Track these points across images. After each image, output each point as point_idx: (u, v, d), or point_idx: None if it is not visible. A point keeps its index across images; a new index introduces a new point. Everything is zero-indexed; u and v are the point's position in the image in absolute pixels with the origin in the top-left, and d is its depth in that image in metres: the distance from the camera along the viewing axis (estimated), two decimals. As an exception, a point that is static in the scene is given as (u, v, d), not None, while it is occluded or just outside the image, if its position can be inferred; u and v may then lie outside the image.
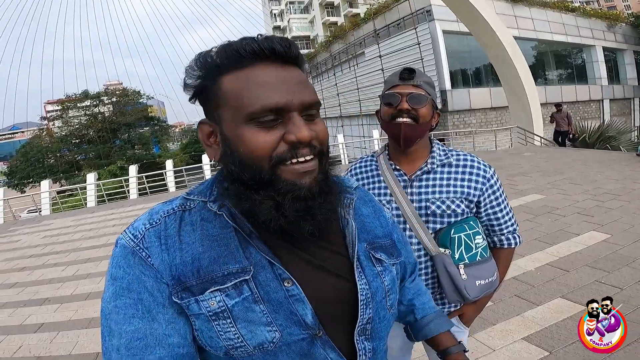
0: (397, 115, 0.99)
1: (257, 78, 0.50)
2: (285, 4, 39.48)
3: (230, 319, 0.53)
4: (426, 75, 1.05)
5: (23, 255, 5.26)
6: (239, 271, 0.54)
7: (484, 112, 15.89)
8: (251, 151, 0.51)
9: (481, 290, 1.03)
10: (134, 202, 9.79)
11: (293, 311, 0.54)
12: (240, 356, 0.54)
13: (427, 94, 1.00)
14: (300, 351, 0.55)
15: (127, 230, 0.58)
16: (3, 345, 2.67)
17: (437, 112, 1.06)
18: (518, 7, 16.24)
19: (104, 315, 0.54)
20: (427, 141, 1.08)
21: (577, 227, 3.65)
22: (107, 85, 33.89)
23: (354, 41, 19.89)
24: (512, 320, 2.24)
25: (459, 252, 1.00)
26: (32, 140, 31.35)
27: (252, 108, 0.50)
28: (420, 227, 1.01)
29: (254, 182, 0.52)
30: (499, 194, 1.06)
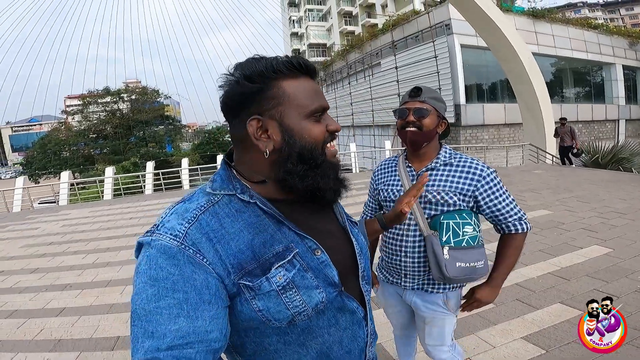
0: (406, 125, 1.27)
1: (307, 86, 0.66)
2: (304, 11, 40.08)
3: (295, 289, 0.63)
4: (434, 91, 1.31)
5: (43, 242, 5.42)
6: (284, 249, 0.64)
7: (497, 128, 15.80)
8: (314, 137, 0.66)
9: (461, 272, 1.20)
10: (149, 197, 10.00)
11: (326, 274, 0.67)
12: (301, 320, 0.65)
13: (431, 107, 1.26)
14: (337, 305, 0.69)
15: (160, 231, 0.59)
16: (24, 327, 2.75)
17: (443, 121, 1.30)
18: (539, 23, 16.18)
19: (139, 316, 0.55)
20: (436, 145, 1.32)
21: (581, 241, 3.77)
22: (127, 83, 34.63)
23: (370, 51, 20.05)
24: (512, 322, 2.38)
25: (446, 235, 1.21)
26: (51, 132, 32.16)
27: (313, 107, 0.66)
28: (419, 211, 1.26)
29: (313, 162, 0.65)
30: (496, 188, 1.24)
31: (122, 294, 3.26)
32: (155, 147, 30.96)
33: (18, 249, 5.18)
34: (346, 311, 0.70)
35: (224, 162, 0.71)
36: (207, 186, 0.68)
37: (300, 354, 0.67)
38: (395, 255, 1.34)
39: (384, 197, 1.36)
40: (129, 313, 0.59)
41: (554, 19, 16.66)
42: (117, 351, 2.37)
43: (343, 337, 0.70)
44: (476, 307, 1.34)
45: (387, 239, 1.37)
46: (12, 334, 2.67)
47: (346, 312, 0.70)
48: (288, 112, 0.64)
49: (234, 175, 0.68)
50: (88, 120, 31.02)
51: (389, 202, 1.35)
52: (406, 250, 1.30)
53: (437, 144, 1.33)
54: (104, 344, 2.46)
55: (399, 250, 1.32)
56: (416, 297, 1.35)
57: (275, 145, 0.64)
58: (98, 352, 2.36)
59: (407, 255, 1.30)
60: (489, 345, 2.15)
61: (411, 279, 1.33)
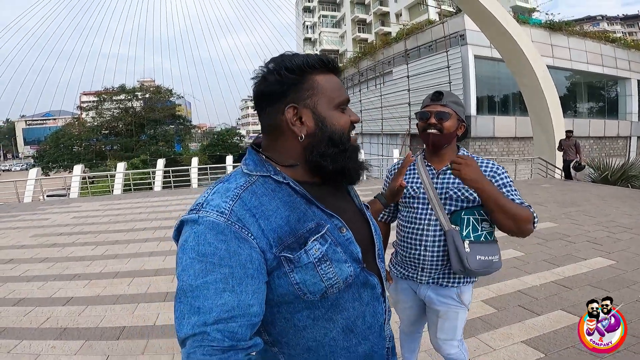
0: (427, 128, 1.33)
1: (335, 81, 0.75)
2: (318, 17, 40.45)
3: (329, 262, 0.68)
4: (454, 95, 1.38)
5: (53, 233, 5.49)
6: (317, 225, 0.69)
7: (507, 141, 15.66)
8: (342, 125, 0.74)
9: (480, 265, 1.25)
10: (158, 193, 10.09)
11: (351, 250, 0.72)
12: (332, 293, 0.70)
13: (452, 111, 1.32)
14: (362, 280, 0.74)
15: (206, 209, 0.63)
16: (31, 315, 2.76)
17: (462, 124, 1.36)
18: (556, 35, 16.07)
19: (185, 293, 0.59)
20: (454, 147, 1.39)
21: (585, 252, 3.80)
22: (142, 81, 35.22)
23: (382, 59, 20.11)
24: (513, 326, 2.42)
25: (466, 230, 1.27)
26: (65, 127, 32.78)
27: (341, 99, 0.74)
28: (439, 208, 1.31)
29: (342, 146, 0.73)
30: (505, 182, 1.29)
31: (130, 286, 3.28)
32: (165, 145, 31.35)
33: (28, 238, 5.24)
34: (368, 286, 0.76)
35: (252, 148, 0.77)
36: (242, 168, 0.73)
37: (327, 329, 0.71)
38: (414, 249, 1.37)
39: (404, 194, 1.40)
40: (135, 304, 0.62)
41: (571, 31, 16.52)
42: (122, 341, 2.38)
43: (365, 312, 0.75)
44: (458, 167, 1.18)
45: (404, 233, 1.40)
46: (18, 321, 2.68)
47: (368, 287, 0.76)
48: (320, 102, 0.72)
49: (265, 159, 0.73)
50: (102, 116, 31.59)
51: (408, 198, 1.40)
52: (426, 244, 1.34)
53: (455, 146, 1.40)
54: (109, 334, 2.46)
55: (419, 245, 1.35)
56: (430, 292, 1.38)
57: (308, 130, 0.71)
58: (103, 342, 2.37)
59: (427, 249, 1.33)
60: (489, 348, 2.19)
61: (428, 272, 1.36)
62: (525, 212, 1.20)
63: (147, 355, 2.21)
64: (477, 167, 1.18)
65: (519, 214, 1.19)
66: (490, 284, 3.00)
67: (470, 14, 11.44)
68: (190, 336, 0.57)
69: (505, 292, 2.92)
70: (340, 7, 39.14)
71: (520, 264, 3.50)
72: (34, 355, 2.22)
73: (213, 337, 0.56)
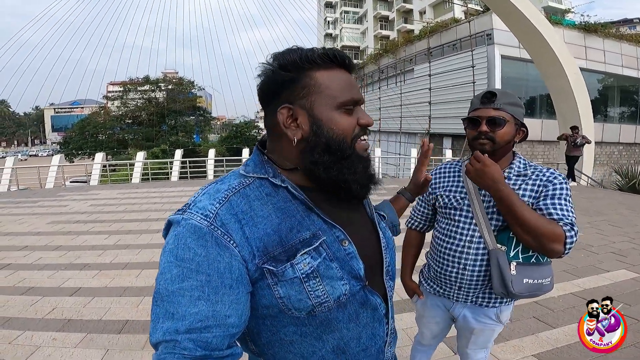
0: (478, 137, 1.14)
1: (342, 78, 0.66)
2: (340, 13, 40.09)
3: (318, 278, 0.61)
4: (510, 94, 1.15)
5: (70, 220, 5.60)
6: (311, 237, 0.62)
7: (531, 145, 15.10)
8: (342, 130, 0.65)
9: (528, 289, 1.11)
10: (174, 183, 10.24)
11: (352, 266, 0.65)
12: (321, 312, 0.63)
13: (508, 115, 1.12)
14: (360, 300, 0.67)
15: (192, 210, 0.59)
16: (37, 305, 2.76)
17: (521, 129, 1.18)
18: (591, 37, 15.29)
19: (161, 297, 0.56)
20: (509, 155, 1.21)
21: (608, 264, 3.64)
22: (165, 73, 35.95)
23: (404, 57, 19.72)
24: (525, 339, 2.31)
25: (514, 251, 1.12)
26: (91, 116, 33.87)
27: (343, 98, 0.64)
28: (485, 223, 1.16)
29: (340, 154, 0.64)
30: (554, 193, 1.10)
31: (138, 278, 3.27)
32: (185, 136, 31.93)
33: (45, 224, 5.36)
34: (368, 307, 0.69)
35: (257, 148, 0.71)
36: (240, 169, 0.68)
37: (315, 347, 0.66)
38: (450, 266, 1.22)
39: (444, 204, 1.26)
40: (141, 297, 0.56)
41: (607, 33, 15.70)
42: (123, 335, 2.35)
43: (362, 334, 0.69)
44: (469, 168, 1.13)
45: (442, 248, 1.25)
46: (24, 311, 2.69)
47: (368, 308, 0.69)
48: (318, 102, 0.64)
49: (267, 161, 0.68)
50: (126, 106, 32.43)
51: (449, 209, 1.24)
52: (466, 264, 1.19)
53: (511, 154, 1.21)
54: (112, 327, 2.44)
55: (457, 263, 1.20)
56: (467, 311, 1.26)
57: (303, 134, 0.64)
58: (104, 335, 2.34)
59: (467, 268, 1.19)
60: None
61: (465, 292, 1.22)
62: (550, 227, 1.03)
63: (146, 350, 2.17)
64: (490, 172, 1.07)
65: (538, 228, 1.03)
66: None
67: (499, 13, 11.00)
68: (162, 342, 0.54)
69: (520, 302, 2.75)
70: (363, 4, 38.65)
71: None
72: (34, 347, 2.21)
73: (185, 346, 0.54)
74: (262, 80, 0.66)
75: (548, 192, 1.11)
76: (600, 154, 14.83)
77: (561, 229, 1.04)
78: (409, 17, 32.03)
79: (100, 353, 2.15)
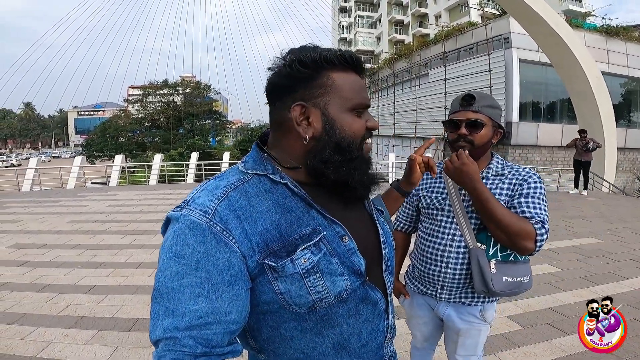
0: (457, 140, 1.18)
1: (355, 81, 0.67)
2: (354, 17, 40.17)
3: (319, 273, 0.62)
4: (488, 97, 1.19)
5: (89, 220, 5.78)
6: (311, 232, 0.62)
7: (550, 150, 14.65)
8: (354, 131, 0.66)
9: (507, 286, 1.14)
10: (190, 185, 10.47)
11: (352, 262, 0.65)
12: (322, 307, 0.63)
13: (486, 117, 1.16)
14: (360, 295, 0.67)
15: (190, 207, 0.59)
16: (52, 302, 2.85)
17: (499, 130, 1.20)
18: (613, 40, 14.79)
19: (161, 294, 0.56)
20: (488, 155, 1.24)
21: (628, 271, 3.58)
22: (183, 77, 36.79)
23: (419, 61, 19.54)
24: (538, 345, 2.28)
25: (493, 249, 1.15)
26: (112, 118, 34.94)
27: (356, 101, 0.66)
28: (465, 222, 1.19)
29: (349, 155, 0.65)
30: (529, 192, 1.13)
31: (150, 277, 3.34)
32: (201, 139, 32.49)
33: (65, 223, 5.56)
34: (368, 302, 0.69)
35: (256, 144, 0.71)
36: (239, 165, 0.68)
37: (316, 342, 0.66)
38: (434, 265, 1.24)
39: (427, 204, 1.29)
40: None
41: (629, 37, 15.18)
42: (133, 332, 2.40)
43: (362, 329, 0.69)
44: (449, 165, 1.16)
45: (425, 247, 1.28)
46: (38, 307, 2.78)
47: (368, 303, 0.69)
48: (332, 102, 0.64)
49: (266, 157, 0.67)
50: (145, 109, 33.32)
51: (432, 209, 1.27)
52: (448, 262, 1.21)
53: (489, 154, 1.25)
54: (122, 325, 2.50)
55: (440, 262, 1.23)
56: (451, 309, 1.27)
57: (314, 132, 0.64)
58: (115, 332, 2.40)
59: (449, 266, 1.21)
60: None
61: (448, 291, 1.24)
62: (521, 225, 1.06)
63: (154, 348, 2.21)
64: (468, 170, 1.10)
65: (510, 225, 1.06)
66: (518, 300, 2.79)
67: (517, 16, 10.79)
68: (162, 339, 0.55)
69: (535, 308, 2.71)
70: (377, 8, 38.62)
71: (554, 280, 3.24)
72: (45, 343, 2.28)
73: (185, 343, 0.54)
74: (275, 74, 0.66)
75: (522, 191, 1.15)
76: (623, 160, 14.24)
77: (532, 226, 1.06)
78: (424, 21, 31.81)
79: (109, 350, 2.20)
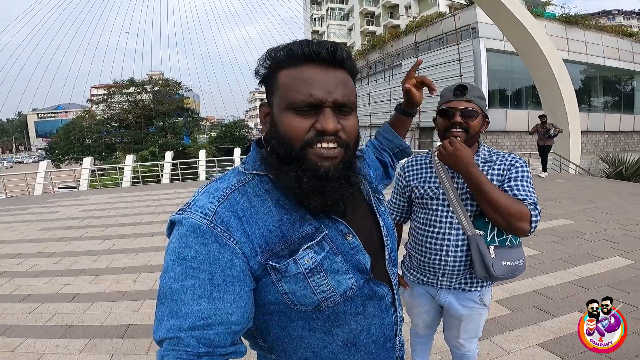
0: (451, 127, 1.21)
1: (303, 76, 0.60)
2: (326, 9, 39.96)
3: (322, 272, 0.61)
4: (478, 89, 1.24)
5: (62, 227, 5.52)
6: (313, 231, 0.62)
7: (519, 135, 15.36)
8: (287, 131, 0.60)
9: (507, 270, 1.18)
10: (166, 186, 10.12)
11: (357, 260, 0.65)
12: (328, 307, 0.63)
13: (477, 107, 1.20)
14: (367, 293, 0.67)
15: (191, 209, 0.60)
16: (37, 312, 2.74)
17: (486, 120, 1.25)
18: (572, 29, 15.64)
19: (165, 295, 0.56)
20: (475, 144, 1.28)
21: (602, 252, 3.70)
22: (150, 74, 35.40)
23: (391, 52, 19.81)
24: (528, 328, 2.33)
25: (491, 235, 1.18)
26: (75, 120, 33.19)
27: (292, 99, 0.60)
28: (461, 209, 1.21)
29: (286, 157, 0.61)
30: (517, 175, 1.18)
31: (135, 282, 3.26)
32: (174, 138, 31.57)
33: (37, 232, 5.28)
34: (375, 298, 0.68)
35: (255, 145, 0.70)
36: (239, 166, 0.68)
37: (325, 341, 0.66)
38: (433, 254, 1.26)
39: (420, 195, 1.30)
40: (141, 301, 0.59)
41: (587, 25, 16.07)
42: (127, 339, 2.35)
43: (371, 325, 0.69)
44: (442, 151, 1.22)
45: (422, 237, 1.29)
46: (23, 318, 2.67)
47: (375, 298, 0.68)
48: (277, 101, 0.63)
49: (266, 157, 0.67)
50: (112, 109, 31.89)
51: (426, 199, 1.28)
52: (448, 250, 1.23)
53: (477, 143, 1.30)
54: (114, 332, 2.44)
55: (439, 250, 1.24)
56: (451, 297, 1.31)
57: (266, 132, 0.66)
58: (107, 340, 2.34)
59: (449, 254, 1.23)
60: (503, 351, 2.12)
61: (449, 278, 1.27)
62: (517, 207, 1.09)
63: (151, 354, 2.18)
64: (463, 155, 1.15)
65: (506, 207, 1.09)
66: (504, 284, 2.90)
67: (483, 6, 11.13)
68: (165, 339, 0.55)
69: (520, 292, 2.83)
70: (349, 0, 38.58)
71: (535, 262, 3.39)
72: (37, 354, 2.20)
73: (188, 343, 0.54)
74: None
75: (511, 175, 1.18)
76: (586, 142, 15.17)
77: (527, 208, 1.10)
78: (394, 12, 32.09)
79: (105, 358, 2.15)
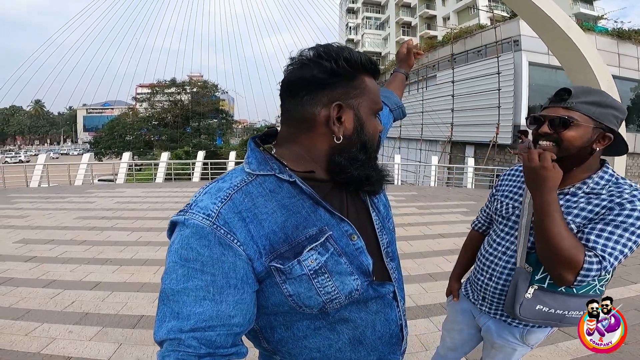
0: (539, 139, 0.98)
1: (376, 86, 0.70)
2: (362, 18, 40.12)
3: (327, 274, 0.61)
4: (593, 92, 0.94)
5: (95, 216, 5.82)
6: (318, 232, 0.62)
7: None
8: (375, 132, 0.69)
9: (537, 315, 1.00)
10: (195, 184, 10.49)
11: (361, 262, 0.65)
12: (333, 308, 0.63)
13: (583, 115, 0.92)
14: (372, 294, 0.67)
15: (193, 211, 0.59)
16: (58, 298, 2.85)
17: (604, 133, 0.93)
18: (625, 44, 14.64)
19: (167, 296, 0.56)
20: (590, 165, 0.97)
21: (636, 276, 3.59)
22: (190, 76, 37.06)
23: (427, 63, 19.46)
24: (544, 348, 2.26)
25: (541, 275, 0.98)
26: (119, 116, 35.29)
27: (379, 105, 0.70)
28: (524, 238, 1.03)
29: (370, 154, 0.68)
30: (622, 219, 0.86)
31: (155, 274, 3.35)
32: (207, 138, 32.68)
33: (72, 220, 5.59)
34: (377, 297, 0.69)
35: (253, 143, 0.69)
36: (243, 166, 0.67)
37: (331, 340, 0.66)
38: (480, 275, 1.17)
39: (496, 209, 1.17)
40: (157, 293, 0.56)
41: (641, 40, 15.00)
42: (137, 329, 2.40)
43: (375, 321, 0.69)
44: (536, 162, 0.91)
45: (480, 255, 1.19)
46: (44, 303, 2.79)
47: (377, 297, 0.69)
48: (364, 105, 0.66)
49: (269, 157, 0.66)
50: (153, 108, 33.62)
51: (498, 215, 1.14)
52: (492, 274, 1.12)
53: (595, 164, 0.99)
54: (127, 322, 2.50)
55: (486, 272, 1.14)
56: (491, 323, 1.18)
57: (346, 132, 0.65)
58: (119, 329, 2.40)
59: (492, 279, 1.12)
60: None
61: (489, 303, 1.15)
62: (570, 252, 0.84)
63: (158, 347, 2.20)
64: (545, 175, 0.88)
65: (558, 249, 0.85)
66: None
67: (528, 19, 10.68)
68: (166, 340, 0.55)
69: None
70: (385, 9, 38.54)
71: None
72: (49, 339, 2.28)
73: (189, 344, 0.55)
74: (317, 68, 0.63)
75: (608, 217, 0.89)
76: (631, 165, 14.03)
77: (582, 256, 0.84)
78: (432, 23, 31.68)
79: (113, 347, 2.20)
